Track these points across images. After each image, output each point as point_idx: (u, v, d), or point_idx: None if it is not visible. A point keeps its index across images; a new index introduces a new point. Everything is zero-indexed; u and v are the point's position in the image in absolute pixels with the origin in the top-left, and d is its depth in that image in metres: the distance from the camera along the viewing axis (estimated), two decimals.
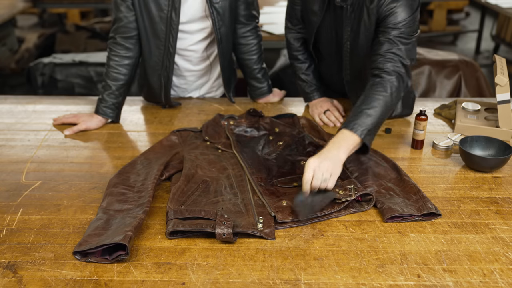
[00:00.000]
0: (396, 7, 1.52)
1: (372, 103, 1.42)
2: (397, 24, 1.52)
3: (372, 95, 1.45)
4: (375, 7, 1.56)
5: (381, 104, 1.43)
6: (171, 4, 1.76)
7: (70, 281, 1.06)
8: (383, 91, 1.45)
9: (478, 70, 2.90)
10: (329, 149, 1.33)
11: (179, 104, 2.03)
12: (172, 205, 1.27)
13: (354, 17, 1.63)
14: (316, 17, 1.72)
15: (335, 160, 1.30)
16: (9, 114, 1.97)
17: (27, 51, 5.13)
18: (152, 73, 1.92)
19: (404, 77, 1.50)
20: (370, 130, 1.38)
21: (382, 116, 1.43)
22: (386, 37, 1.53)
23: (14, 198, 1.38)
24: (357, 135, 1.36)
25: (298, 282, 1.06)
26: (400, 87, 1.48)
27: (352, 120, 1.39)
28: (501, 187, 1.42)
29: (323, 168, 1.27)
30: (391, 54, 1.51)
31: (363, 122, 1.38)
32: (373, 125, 1.39)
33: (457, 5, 6.44)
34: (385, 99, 1.44)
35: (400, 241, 1.18)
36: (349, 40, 1.68)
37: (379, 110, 1.41)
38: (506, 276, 1.07)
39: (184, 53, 1.93)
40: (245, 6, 1.92)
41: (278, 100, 2.09)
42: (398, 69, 1.49)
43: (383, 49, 1.52)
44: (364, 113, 1.40)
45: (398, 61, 1.50)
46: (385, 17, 1.54)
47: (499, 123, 1.70)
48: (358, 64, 1.73)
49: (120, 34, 1.83)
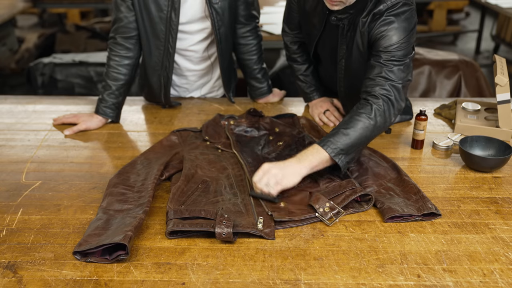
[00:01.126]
0: (387, 31, 1.48)
1: (350, 123, 1.40)
2: (388, 48, 1.47)
3: (353, 116, 1.42)
4: (366, 30, 1.53)
5: (360, 126, 1.39)
6: (170, 4, 1.76)
7: (70, 281, 1.06)
8: (365, 113, 1.41)
9: (478, 70, 2.90)
10: (291, 159, 1.35)
11: (179, 104, 2.03)
12: (172, 205, 1.27)
13: (350, 36, 1.59)
14: (316, 30, 1.70)
15: (289, 172, 1.31)
16: (9, 114, 1.97)
17: (27, 51, 5.13)
18: (152, 73, 1.92)
19: (393, 101, 1.44)
20: (343, 149, 1.35)
21: (361, 139, 1.39)
22: (377, 61, 1.48)
23: (14, 198, 1.38)
24: (327, 152, 1.34)
25: (298, 282, 1.06)
26: (387, 110, 1.43)
27: (326, 137, 1.38)
28: (501, 187, 1.42)
29: (270, 175, 1.30)
30: (380, 78, 1.46)
31: (337, 140, 1.36)
32: (348, 146, 1.36)
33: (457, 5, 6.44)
34: (366, 121, 1.40)
35: (400, 241, 1.18)
36: (344, 58, 1.65)
37: (356, 132, 1.38)
38: (506, 276, 1.07)
39: (185, 53, 1.93)
40: (245, 6, 1.92)
41: (278, 100, 2.09)
42: (386, 92, 1.44)
43: (373, 73, 1.48)
44: (341, 133, 1.37)
45: (388, 85, 1.45)
46: (376, 40, 1.50)
47: (499, 123, 1.70)
48: (352, 82, 1.70)
49: (120, 34, 1.83)
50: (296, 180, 1.32)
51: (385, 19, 1.48)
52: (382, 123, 1.43)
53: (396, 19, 1.47)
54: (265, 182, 1.29)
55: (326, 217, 1.25)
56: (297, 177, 1.32)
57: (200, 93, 2.10)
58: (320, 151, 1.35)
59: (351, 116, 1.42)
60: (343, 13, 1.55)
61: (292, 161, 1.34)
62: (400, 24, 1.48)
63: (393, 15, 1.48)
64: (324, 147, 1.35)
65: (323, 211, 1.26)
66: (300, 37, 1.88)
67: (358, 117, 1.41)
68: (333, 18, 1.58)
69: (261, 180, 1.30)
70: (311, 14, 1.69)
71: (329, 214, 1.26)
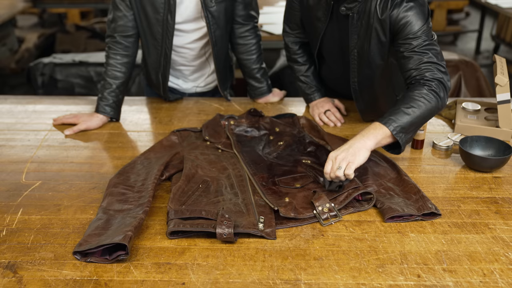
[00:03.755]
0: (410, 17, 1.49)
1: (411, 103, 1.40)
2: (416, 33, 1.49)
3: (412, 96, 1.41)
4: (387, 17, 1.53)
5: (421, 105, 1.40)
6: (166, 7, 1.77)
7: (70, 281, 1.06)
8: (423, 94, 1.41)
9: (478, 70, 2.91)
10: (355, 137, 1.35)
11: (180, 98, 2.08)
12: (172, 205, 1.27)
13: (361, 25, 1.59)
14: (321, 24, 1.69)
15: (357, 148, 1.31)
16: (9, 114, 1.97)
17: (27, 51, 5.13)
18: (151, 70, 1.97)
19: (444, 83, 1.46)
20: (404, 128, 1.36)
21: (421, 118, 1.40)
22: (411, 50, 1.49)
23: (14, 198, 1.38)
24: (388, 128, 1.35)
25: (298, 282, 1.06)
26: (441, 92, 1.44)
27: (387, 116, 1.38)
28: (501, 187, 1.42)
29: (340, 159, 1.30)
30: (425, 64, 1.47)
31: (397, 119, 1.37)
32: (408, 124, 1.37)
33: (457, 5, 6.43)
34: (426, 102, 1.40)
35: (400, 241, 1.18)
36: (357, 48, 1.65)
37: (418, 111, 1.39)
38: (506, 276, 1.07)
39: (181, 50, 1.94)
40: (243, 7, 1.93)
41: (278, 100, 2.09)
42: (437, 76, 1.45)
43: (414, 63, 1.48)
44: (401, 111, 1.38)
45: (434, 68, 1.46)
46: (400, 27, 1.51)
47: (499, 123, 1.70)
48: (367, 72, 1.70)
49: (119, 32, 1.84)
50: (366, 154, 1.32)
51: (406, 5, 1.50)
52: (439, 105, 1.44)
53: (415, 4, 1.51)
54: (336, 167, 1.29)
55: (322, 216, 1.25)
56: (366, 152, 1.32)
57: (196, 84, 2.11)
58: (382, 128, 1.35)
59: (409, 96, 1.42)
60: (352, 2, 1.56)
61: (356, 138, 1.35)
62: (420, 9, 1.51)
63: (411, 1, 1.50)
64: (386, 124, 1.36)
65: (321, 210, 1.26)
66: (301, 37, 1.88)
67: (417, 97, 1.41)
68: (343, 8, 1.59)
69: (332, 168, 1.30)
70: (315, 8, 1.69)
71: (327, 215, 1.26)
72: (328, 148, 1.60)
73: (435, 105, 1.43)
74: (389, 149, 1.44)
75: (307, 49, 1.92)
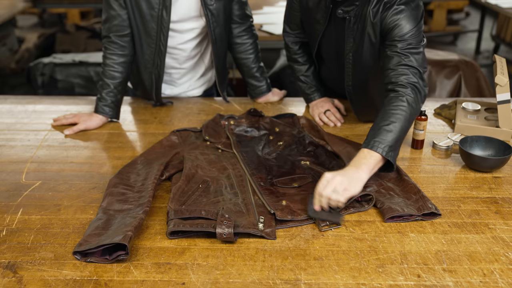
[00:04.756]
0: (399, 19, 1.50)
1: (390, 118, 1.39)
2: (403, 36, 1.50)
3: (389, 110, 1.41)
4: (378, 20, 1.54)
5: (399, 118, 1.39)
6: (162, 2, 1.76)
7: (70, 281, 1.06)
8: (400, 105, 1.42)
9: (478, 70, 2.90)
10: (348, 168, 1.31)
11: (171, 103, 2.04)
12: (172, 205, 1.27)
13: (357, 29, 1.60)
14: (320, 26, 1.70)
15: (353, 178, 1.27)
16: (9, 114, 1.97)
17: (27, 51, 5.13)
18: (143, 71, 1.93)
19: (419, 88, 1.46)
20: (392, 146, 1.35)
21: (403, 130, 1.39)
22: (394, 51, 1.50)
23: (14, 198, 1.38)
24: (378, 153, 1.33)
25: (298, 282, 1.06)
26: (417, 98, 1.45)
27: (371, 138, 1.36)
28: (501, 187, 1.42)
29: (337, 182, 1.24)
30: (403, 66, 1.48)
31: (382, 139, 1.35)
32: (394, 141, 1.36)
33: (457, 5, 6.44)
34: (403, 112, 1.40)
35: (400, 241, 1.18)
36: (351, 52, 1.65)
37: (398, 125, 1.38)
38: (506, 276, 1.07)
39: (173, 51, 1.93)
40: (239, 6, 1.94)
41: (278, 99, 2.09)
42: (411, 80, 1.46)
43: (393, 63, 1.49)
44: (383, 130, 1.37)
45: (411, 73, 1.47)
46: (389, 29, 1.52)
47: (499, 123, 1.70)
48: (361, 76, 1.70)
49: (114, 32, 1.83)
50: (360, 187, 1.28)
51: (396, 8, 1.51)
52: (415, 111, 1.45)
53: (407, 7, 1.51)
54: (331, 189, 1.24)
55: (321, 223, 1.24)
56: (361, 184, 1.28)
57: (181, 90, 2.10)
58: (371, 154, 1.33)
59: (386, 111, 1.42)
60: (349, 6, 1.57)
61: (349, 168, 1.30)
62: (411, 12, 1.51)
63: (403, 4, 1.51)
64: (373, 149, 1.33)
65: None
66: (302, 37, 1.88)
67: (394, 111, 1.41)
68: (339, 11, 1.59)
69: (326, 188, 1.24)
70: (314, 10, 1.69)
71: (325, 222, 1.24)
72: (328, 148, 1.60)
73: (411, 113, 1.43)
74: (381, 171, 1.40)
75: (307, 49, 1.92)
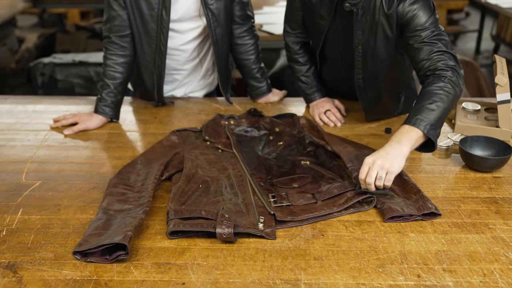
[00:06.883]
0: (416, 9, 1.51)
1: (433, 97, 1.40)
2: (424, 25, 1.51)
3: (432, 90, 1.42)
4: (394, 11, 1.54)
5: (443, 98, 1.40)
6: (161, 2, 1.76)
7: (70, 281, 1.06)
8: (443, 86, 1.42)
9: (478, 70, 2.91)
10: (389, 144, 1.33)
11: (172, 103, 2.04)
12: (172, 205, 1.27)
13: (366, 20, 1.60)
14: (324, 22, 1.69)
15: (394, 156, 1.29)
16: (9, 114, 1.97)
17: (27, 51, 5.13)
18: (145, 71, 1.93)
19: (458, 70, 1.47)
20: (433, 125, 1.36)
21: (446, 111, 1.40)
22: (421, 41, 1.51)
23: (14, 198, 1.38)
24: (420, 130, 1.34)
25: (298, 282, 1.06)
26: (458, 81, 1.45)
27: (413, 116, 1.37)
28: (501, 187, 1.42)
29: (378, 166, 1.27)
30: (436, 53, 1.48)
31: (425, 117, 1.36)
32: (436, 120, 1.37)
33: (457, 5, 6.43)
34: (446, 93, 1.41)
35: (400, 241, 1.18)
36: (361, 44, 1.65)
37: (442, 104, 1.39)
38: (506, 276, 1.07)
39: (174, 52, 1.93)
40: (240, 7, 1.93)
41: (278, 99, 2.09)
42: (450, 64, 1.47)
43: (425, 53, 1.50)
44: (426, 108, 1.38)
45: (447, 57, 1.48)
46: (408, 20, 1.53)
47: (499, 123, 1.70)
48: (372, 69, 1.70)
49: (115, 33, 1.83)
50: (403, 162, 1.30)
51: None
52: (457, 92, 1.45)
53: None
54: (374, 175, 1.27)
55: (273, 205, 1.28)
56: (403, 159, 1.30)
57: (184, 92, 2.11)
58: (414, 130, 1.34)
59: (429, 91, 1.42)
60: None
61: (390, 144, 1.32)
62: (425, 2, 1.53)
63: None
64: (415, 125, 1.35)
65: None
66: (302, 37, 1.88)
67: (437, 91, 1.41)
68: (347, 4, 1.59)
69: (370, 175, 1.27)
70: (318, 6, 1.69)
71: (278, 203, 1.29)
72: (328, 148, 1.60)
73: (455, 94, 1.44)
74: (421, 149, 1.42)
75: (308, 49, 1.92)
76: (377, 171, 1.27)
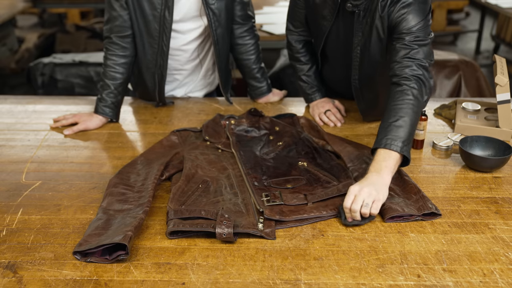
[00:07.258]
0: (407, 13, 1.51)
1: (398, 114, 1.39)
2: (410, 29, 1.50)
3: (395, 106, 1.41)
4: (386, 14, 1.55)
5: (407, 112, 1.39)
6: (164, 2, 1.76)
7: (70, 281, 1.06)
8: (405, 98, 1.42)
9: (478, 70, 2.90)
10: (370, 174, 1.30)
11: (172, 103, 2.04)
12: (172, 205, 1.27)
13: (366, 22, 1.60)
14: (327, 22, 1.70)
15: (379, 185, 1.26)
16: (9, 114, 1.97)
17: (27, 51, 5.13)
18: (146, 72, 1.93)
19: (424, 80, 1.46)
20: (405, 141, 1.35)
21: (412, 124, 1.39)
22: (401, 44, 1.51)
23: (14, 198, 1.38)
24: (394, 151, 1.33)
25: (298, 282, 1.06)
26: (421, 90, 1.45)
27: (383, 137, 1.36)
28: (501, 187, 1.42)
29: (365, 193, 1.23)
30: (408, 59, 1.48)
31: (395, 135, 1.35)
32: (406, 135, 1.36)
33: (457, 5, 6.44)
34: (410, 106, 1.40)
35: (400, 241, 1.18)
36: (360, 45, 1.65)
37: (407, 119, 1.38)
38: (506, 276, 1.07)
39: (175, 52, 1.93)
40: (241, 7, 1.93)
41: (278, 99, 2.09)
42: (416, 73, 1.46)
43: (399, 56, 1.50)
44: (393, 126, 1.37)
45: (415, 65, 1.47)
46: (397, 23, 1.53)
47: (499, 123, 1.70)
48: (368, 70, 1.70)
49: (116, 33, 1.83)
50: (387, 191, 1.28)
51: (404, 2, 1.52)
52: (421, 104, 1.45)
53: (414, 1, 1.51)
54: (360, 203, 1.22)
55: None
56: (387, 188, 1.28)
57: (184, 91, 2.11)
58: (389, 154, 1.33)
59: (393, 107, 1.42)
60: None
61: (371, 175, 1.29)
62: (419, 6, 1.52)
63: None
64: (387, 147, 1.34)
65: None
66: (305, 35, 1.88)
67: (401, 105, 1.41)
68: (349, 5, 1.59)
69: (356, 201, 1.22)
70: (321, 6, 1.69)
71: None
72: (328, 147, 1.60)
73: (418, 105, 1.43)
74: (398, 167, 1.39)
75: (310, 48, 1.92)
76: (364, 199, 1.23)
